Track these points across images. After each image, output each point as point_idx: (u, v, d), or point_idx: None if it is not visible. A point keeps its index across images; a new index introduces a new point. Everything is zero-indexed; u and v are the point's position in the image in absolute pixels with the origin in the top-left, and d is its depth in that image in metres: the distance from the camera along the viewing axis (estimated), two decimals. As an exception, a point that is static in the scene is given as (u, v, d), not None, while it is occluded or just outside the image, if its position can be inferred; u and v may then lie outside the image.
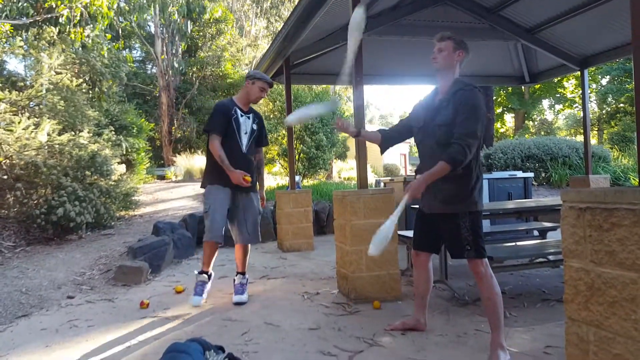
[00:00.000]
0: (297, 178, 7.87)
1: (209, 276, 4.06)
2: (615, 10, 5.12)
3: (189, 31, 18.41)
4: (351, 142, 23.44)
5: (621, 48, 6.04)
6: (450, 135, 2.55)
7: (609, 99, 23.87)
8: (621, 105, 23.08)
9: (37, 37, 8.72)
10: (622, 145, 16.70)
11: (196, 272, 4.04)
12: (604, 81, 23.76)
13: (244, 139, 3.93)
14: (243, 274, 4.04)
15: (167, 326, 3.32)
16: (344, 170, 19.46)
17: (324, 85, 15.10)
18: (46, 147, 6.46)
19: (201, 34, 20.39)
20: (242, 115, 3.94)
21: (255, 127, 4.02)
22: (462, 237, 2.59)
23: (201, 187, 4.10)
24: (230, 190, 3.88)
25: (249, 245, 4.09)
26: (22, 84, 8.46)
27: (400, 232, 4.48)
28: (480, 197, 2.63)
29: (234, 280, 4.04)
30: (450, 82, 2.72)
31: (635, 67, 1.56)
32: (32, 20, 8.93)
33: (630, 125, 19.68)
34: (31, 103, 7.36)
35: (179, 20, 15.52)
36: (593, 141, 23.16)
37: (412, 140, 3.10)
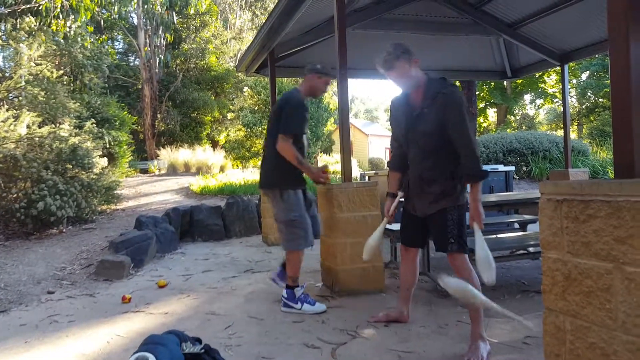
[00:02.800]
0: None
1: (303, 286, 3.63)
2: (595, 7, 5.21)
3: (174, 22, 18.18)
4: (336, 136, 23.46)
5: (600, 44, 6.15)
6: (436, 142, 2.57)
7: (588, 94, 24.24)
8: (600, 100, 23.46)
9: (16, 27, 8.53)
10: (601, 140, 16.99)
11: (304, 284, 3.60)
12: (583, 76, 24.12)
13: (305, 138, 3.60)
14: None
15: (149, 321, 3.30)
16: (329, 163, 19.50)
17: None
18: (26, 140, 6.34)
19: (185, 26, 20.15)
20: None
21: None
22: (448, 230, 2.63)
23: (270, 187, 3.61)
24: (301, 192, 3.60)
25: None
26: (0, 75, 8.28)
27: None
28: (463, 191, 2.67)
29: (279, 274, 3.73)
30: (422, 86, 2.64)
31: (611, 63, 1.59)
32: (10, 10, 8.73)
33: (609, 120, 20.00)
34: (10, 95, 7.22)
35: (162, 12, 15.30)
36: (573, 135, 23.50)
37: None
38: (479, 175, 2.50)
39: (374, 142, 37.05)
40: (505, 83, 21.31)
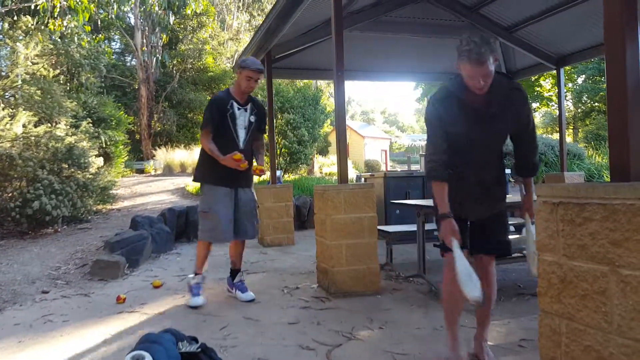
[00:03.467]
0: (278, 173, 7.86)
1: (203, 277, 3.88)
2: (591, 10, 5.23)
3: (171, 23, 18.17)
4: (333, 138, 23.47)
5: (595, 48, 6.17)
6: (502, 141, 2.45)
7: (584, 98, 24.35)
8: (596, 104, 23.56)
9: (13, 26, 8.50)
10: (597, 144, 17.07)
11: (190, 275, 3.89)
12: (579, 80, 24.22)
13: (242, 134, 3.70)
14: (239, 270, 3.93)
15: (144, 321, 3.29)
16: (325, 165, 19.51)
17: (306, 80, 15.10)
18: (21, 139, 6.31)
19: (182, 26, 20.13)
20: (238, 109, 3.70)
21: (253, 119, 3.77)
22: (507, 233, 2.57)
23: (194, 180, 3.92)
24: (230, 190, 3.72)
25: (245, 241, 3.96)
26: (-4, 74, 8.25)
27: (379, 227, 4.52)
28: None
29: (229, 278, 3.94)
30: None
31: (607, 67, 1.59)
32: (7, 9, 8.70)
33: (604, 124, 20.11)
34: (6, 94, 7.19)
35: (159, 12, 15.29)
36: (568, 139, 23.60)
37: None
38: (537, 170, 2.55)
39: (370, 144, 37.08)
40: (501, 86, 21.33)
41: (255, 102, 3.85)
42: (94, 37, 11.59)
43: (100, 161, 7.86)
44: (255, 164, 3.77)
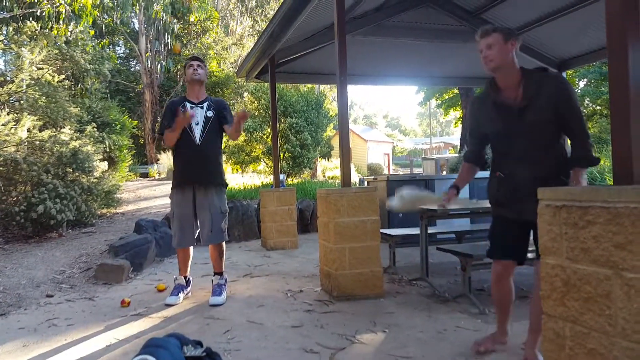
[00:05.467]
0: (281, 177, 7.87)
1: (187, 280, 4.06)
2: (593, 14, 5.24)
3: (175, 30, 18.27)
4: (335, 142, 23.47)
5: (597, 52, 6.19)
6: (552, 132, 2.34)
7: (586, 102, 24.30)
8: (598, 107, 23.51)
9: (18, 31, 8.56)
10: (599, 147, 17.01)
11: (175, 276, 4.08)
12: (581, 84, 24.19)
13: (197, 130, 3.82)
14: (220, 274, 3.99)
15: (149, 325, 3.30)
16: (328, 169, 19.53)
17: (309, 85, 15.13)
18: (26, 143, 6.34)
19: (186, 31, 20.21)
20: (192, 107, 3.86)
21: (210, 114, 3.88)
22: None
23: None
24: (189, 191, 3.86)
25: (223, 244, 4.00)
26: (2, 78, 8.30)
27: (382, 231, 4.52)
28: None
29: (212, 280, 4.01)
30: (517, 76, 2.39)
31: (610, 70, 1.60)
32: (12, 15, 8.76)
33: (606, 127, 20.07)
34: (11, 98, 7.22)
35: (165, 18, 15.38)
36: (572, 143, 23.49)
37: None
38: (594, 162, 2.32)
39: (373, 148, 37.10)
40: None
41: (213, 99, 4.03)
42: (98, 42, 11.64)
43: (104, 165, 7.90)
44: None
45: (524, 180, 2.37)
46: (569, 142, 2.43)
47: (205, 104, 3.93)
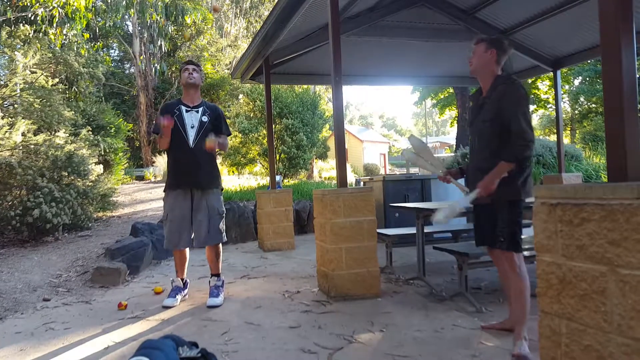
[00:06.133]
0: (277, 178, 7.87)
1: (184, 282, 4.07)
2: (586, 13, 5.27)
3: (170, 32, 18.24)
4: (331, 142, 23.47)
5: (591, 50, 6.22)
6: (491, 130, 2.65)
7: (581, 100, 24.42)
8: (593, 105, 23.63)
9: (11, 35, 8.53)
10: (594, 145, 17.09)
11: (172, 279, 4.08)
12: (576, 82, 24.31)
13: (191, 133, 3.85)
14: (217, 275, 4.00)
15: (146, 327, 3.29)
16: (324, 170, 19.53)
17: (304, 86, 15.13)
18: (21, 148, 6.32)
19: (180, 33, 20.18)
20: (187, 111, 3.91)
21: (205, 119, 3.92)
22: (497, 226, 2.66)
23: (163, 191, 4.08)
24: (185, 193, 3.88)
25: (220, 246, 4.02)
26: (-5, 83, 8.27)
27: (379, 231, 4.53)
28: (525, 187, 2.63)
29: (209, 282, 4.01)
30: (490, 81, 2.76)
31: (603, 68, 1.61)
32: (5, 18, 8.73)
33: (601, 125, 20.17)
34: (5, 102, 7.19)
35: (159, 21, 15.37)
36: (566, 141, 23.63)
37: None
38: (519, 158, 2.52)
39: (369, 148, 37.14)
40: (498, 89, 21.40)
41: (208, 105, 4.07)
42: (92, 44, 11.62)
43: (100, 169, 7.86)
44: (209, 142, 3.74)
45: (472, 170, 2.83)
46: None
47: (200, 109, 3.97)
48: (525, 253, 4.02)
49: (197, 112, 3.94)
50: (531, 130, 2.53)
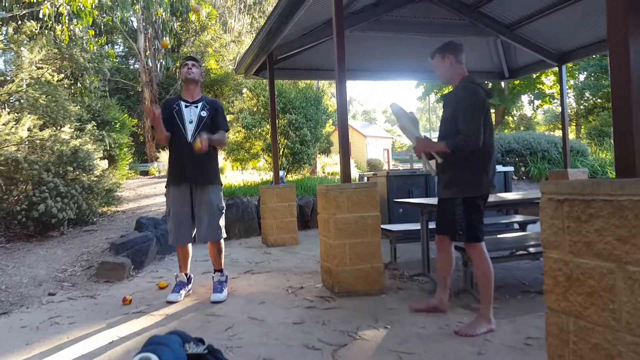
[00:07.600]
0: (281, 173, 7.86)
1: (188, 278, 4.07)
2: (592, 7, 5.22)
3: (175, 27, 18.22)
4: (335, 138, 23.44)
5: (597, 44, 6.15)
6: (447, 128, 2.95)
7: (587, 95, 24.26)
8: (598, 100, 23.48)
9: (18, 31, 8.54)
10: (600, 140, 17.01)
11: (176, 274, 4.10)
12: (581, 77, 24.16)
13: (189, 127, 3.87)
14: (220, 271, 3.99)
15: (150, 322, 3.30)
16: (328, 165, 19.50)
17: (308, 81, 15.10)
18: (27, 143, 6.34)
19: (185, 29, 20.15)
20: (186, 106, 3.93)
21: (204, 114, 3.92)
22: (455, 221, 2.89)
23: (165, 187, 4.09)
24: (185, 188, 3.89)
25: (221, 241, 4.01)
26: (2, 78, 8.28)
27: (383, 226, 4.52)
28: (479, 183, 2.86)
29: (213, 277, 4.01)
30: (457, 82, 3.06)
31: (611, 63, 1.59)
32: (11, 15, 8.74)
33: (607, 120, 20.06)
34: (11, 98, 7.21)
35: (164, 17, 15.36)
36: (571, 136, 23.54)
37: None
38: (450, 147, 2.84)
39: (372, 144, 37.06)
40: (502, 84, 21.33)
41: (208, 100, 4.07)
42: (97, 40, 11.61)
43: (104, 164, 7.88)
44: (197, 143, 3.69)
45: (437, 164, 3.05)
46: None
47: (200, 104, 3.97)
48: (531, 250, 4.03)
49: (197, 107, 3.94)
50: (476, 131, 2.76)
